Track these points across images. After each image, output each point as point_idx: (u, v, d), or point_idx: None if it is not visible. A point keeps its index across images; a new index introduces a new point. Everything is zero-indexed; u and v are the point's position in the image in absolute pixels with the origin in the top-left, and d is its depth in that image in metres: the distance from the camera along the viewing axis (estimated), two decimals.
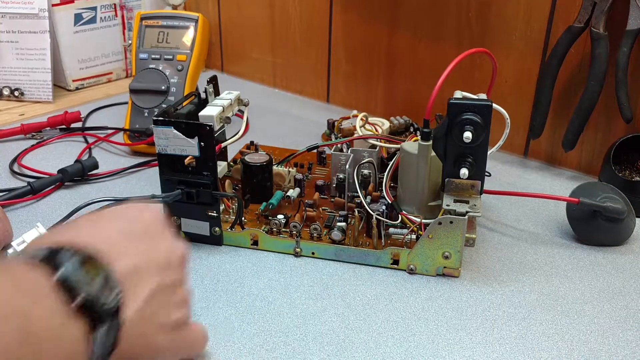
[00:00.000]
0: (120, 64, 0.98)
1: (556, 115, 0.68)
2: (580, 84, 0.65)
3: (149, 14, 0.77)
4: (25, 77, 0.87)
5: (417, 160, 0.52)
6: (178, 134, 0.50)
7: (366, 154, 0.57)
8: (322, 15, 0.86)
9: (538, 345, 0.43)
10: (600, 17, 0.60)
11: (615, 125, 0.65)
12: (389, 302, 0.48)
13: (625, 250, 0.55)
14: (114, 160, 0.71)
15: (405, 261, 0.51)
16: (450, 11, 0.72)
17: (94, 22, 0.92)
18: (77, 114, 0.78)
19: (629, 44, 0.59)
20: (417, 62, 0.78)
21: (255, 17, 0.95)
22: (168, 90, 0.73)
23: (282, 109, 0.88)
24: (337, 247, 0.52)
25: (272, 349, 0.42)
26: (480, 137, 0.48)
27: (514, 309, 0.47)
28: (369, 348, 0.43)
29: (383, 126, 0.69)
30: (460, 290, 0.49)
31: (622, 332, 0.45)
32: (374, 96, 0.84)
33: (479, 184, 0.50)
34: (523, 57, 0.69)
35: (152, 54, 0.74)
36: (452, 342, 0.44)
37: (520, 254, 0.55)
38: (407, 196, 0.54)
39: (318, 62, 0.89)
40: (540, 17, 0.66)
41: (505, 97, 0.71)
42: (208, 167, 0.52)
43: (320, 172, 0.64)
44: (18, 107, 0.86)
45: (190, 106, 0.57)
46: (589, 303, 0.48)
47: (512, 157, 0.73)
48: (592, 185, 0.57)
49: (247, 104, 0.59)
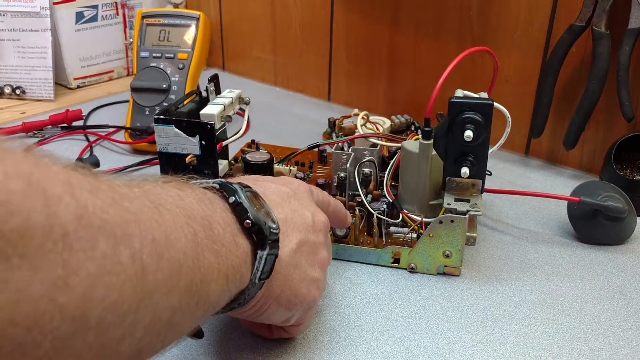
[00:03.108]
0: (122, 62, 0.98)
1: (557, 114, 0.68)
2: (581, 83, 0.65)
3: (150, 12, 0.77)
4: (27, 76, 0.87)
5: (418, 159, 0.52)
6: (179, 132, 0.50)
7: (367, 152, 0.57)
8: (323, 14, 0.86)
9: (539, 344, 0.43)
10: (601, 15, 0.60)
11: (616, 124, 0.65)
12: (389, 301, 0.48)
13: (626, 250, 0.55)
14: (115, 158, 0.71)
15: (406, 260, 0.51)
16: (452, 10, 0.72)
17: (95, 20, 0.93)
18: (78, 112, 0.78)
19: (630, 43, 0.59)
20: (418, 61, 0.78)
21: (256, 15, 0.95)
22: (169, 89, 0.73)
23: (283, 108, 0.88)
24: (338, 246, 0.52)
25: (272, 347, 0.42)
26: (481, 136, 0.48)
27: (515, 307, 0.47)
28: (369, 347, 0.43)
29: (384, 125, 0.69)
30: (461, 289, 0.49)
31: (622, 331, 0.45)
32: (375, 95, 0.84)
33: (480, 182, 0.50)
34: (524, 56, 0.69)
35: (154, 52, 0.74)
36: (453, 341, 0.44)
37: (521, 252, 0.55)
38: (408, 195, 0.54)
39: (319, 61, 0.89)
40: (542, 15, 0.66)
41: (506, 95, 0.70)
42: (209, 166, 0.52)
43: (321, 171, 0.64)
44: (19, 106, 0.86)
45: (191, 105, 0.57)
46: (589, 302, 0.48)
47: (513, 156, 0.73)
48: (593, 184, 0.57)
49: (248, 103, 0.59)
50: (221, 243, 0.31)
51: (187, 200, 0.31)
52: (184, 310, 0.28)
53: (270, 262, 0.34)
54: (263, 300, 0.36)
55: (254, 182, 0.39)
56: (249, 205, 0.34)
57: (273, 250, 0.34)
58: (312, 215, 0.40)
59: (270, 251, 0.34)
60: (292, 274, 0.37)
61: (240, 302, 0.34)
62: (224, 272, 0.31)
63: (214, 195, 0.34)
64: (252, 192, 0.35)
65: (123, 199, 0.26)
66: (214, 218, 0.32)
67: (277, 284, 0.36)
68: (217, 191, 0.35)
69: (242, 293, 0.34)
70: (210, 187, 0.35)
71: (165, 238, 0.27)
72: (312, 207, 0.41)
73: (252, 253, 0.34)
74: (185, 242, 0.28)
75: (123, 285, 0.24)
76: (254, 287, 0.34)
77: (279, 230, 0.35)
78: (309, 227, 0.39)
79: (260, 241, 0.34)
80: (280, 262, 0.36)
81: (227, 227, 0.32)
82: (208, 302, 0.31)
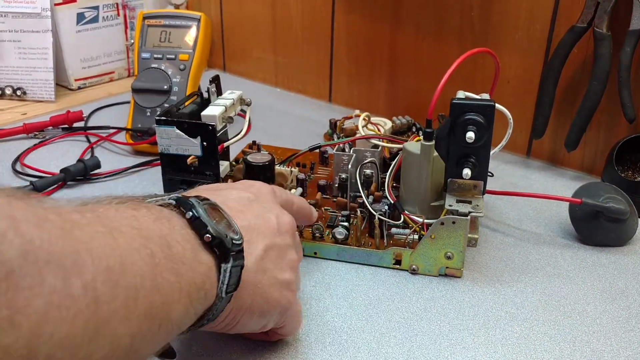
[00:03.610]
0: (123, 64, 0.98)
1: (559, 115, 0.68)
2: (583, 84, 0.65)
3: (151, 13, 0.77)
4: (28, 77, 0.87)
5: (420, 160, 0.52)
6: (180, 133, 0.50)
7: (368, 153, 0.57)
8: (324, 15, 0.86)
9: (540, 345, 0.43)
10: (603, 17, 0.60)
11: (618, 125, 0.65)
12: (391, 303, 0.48)
13: (628, 251, 0.55)
14: (117, 159, 0.71)
15: (408, 261, 0.51)
16: (453, 10, 0.72)
17: (96, 21, 0.92)
18: (79, 114, 0.78)
19: (632, 44, 0.59)
20: (419, 62, 0.78)
21: (257, 16, 0.94)
22: (170, 90, 0.73)
23: (284, 109, 0.88)
24: (340, 247, 0.52)
25: (273, 349, 0.42)
26: (483, 137, 0.48)
27: (517, 309, 0.47)
28: (371, 348, 0.43)
29: (385, 126, 0.69)
30: (463, 290, 0.49)
31: (624, 333, 0.45)
32: (376, 96, 0.84)
33: (482, 184, 0.50)
34: (526, 57, 0.69)
35: (155, 53, 0.74)
36: (455, 343, 0.44)
37: (523, 254, 0.54)
38: (409, 196, 0.54)
39: (320, 62, 0.89)
40: (543, 16, 0.66)
41: (507, 97, 0.70)
42: (210, 167, 0.52)
43: (322, 172, 0.64)
44: (20, 107, 0.86)
45: (192, 106, 0.57)
46: (591, 304, 0.48)
47: (514, 157, 0.73)
48: (594, 186, 0.57)
49: (249, 104, 0.59)
50: (181, 262, 0.30)
51: (142, 220, 0.30)
52: (144, 335, 0.28)
53: (236, 274, 0.34)
54: (234, 313, 0.36)
55: (214, 192, 0.38)
56: (207, 219, 0.33)
57: (238, 262, 0.34)
58: (277, 217, 0.39)
59: (234, 263, 0.33)
60: (262, 281, 0.37)
61: (209, 318, 0.34)
62: (187, 291, 0.30)
63: (171, 212, 0.33)
64: (210, 204, 0.34)
65: (73, 227, 0.25)
66: (172, 236, 0.31)
67: (247, 294, 0.36)
68: (174, 207, 0.33)
69: (209, 309, 0.33)
70: (166, 204, 0.34)
71: (120, 263, 0.26)
72: (276, 209, 0.40)
73: (216, 267, 0.33)
74: (142, 264, 0.28)
75: (74, 319, 0.23)
76: (222, 301, 0.33)
77: (242, 240, 0.34)
78: (274, 231, 0.38)
79: (222, 254, 0.33)
80: (248, 271, 0.35)
81: (186, 244, 0.32)
82: (171, 324, 0.30)
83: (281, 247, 0.39)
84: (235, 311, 0.36)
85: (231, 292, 0.34)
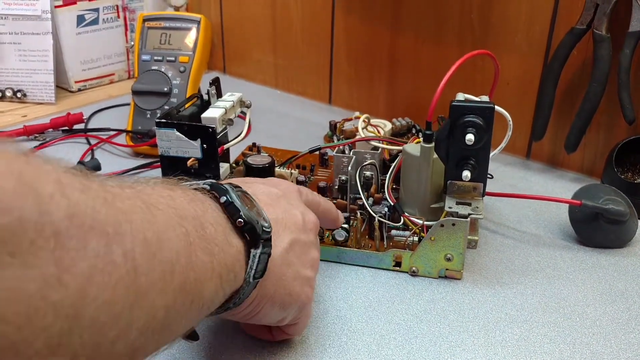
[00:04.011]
0: (123, 66, 0.99)
1: (558, 117, 0.68)
2: (582, 86, 0.65)
3: (151, 15, 0.77)
4: (28, 79, 0.88)
5: (420, 162, 0.52)
6: (180, 135, 0.50)
7: (368, 155, 0.57)
8: (324, 17, 0.86)
9: (540, 347, 0.43)
10: (602, 18, 0.60)
11: (617, 127, 0.65)
12: (391, 304, 0.48)
13: (627, 253, 0.55)
14: (117, 161, 0.71)
15: (408, 263, 0.51)
16: (453, 13, 0.72)
17: (97, 23, 0.93)
18: (79, 116, 0.78)
19: (631, 46, 0.59)
20: (419, 64, 0.78)
21: (257, 18, 0.95)
22: (170, 92, 0.73)
23: (284, 111, 0.88)
24: (339, 249, 0.52)
25: (274, 350, 0.42)
26: (483, 139, 0.48)
27: (516, 311, 0.47)
28: (371, 350, 0.43)
29: (385, 128, 0.69)
30: (463, 292, 0.49)
31: (624, 335, 0.45)
32: (376, 98, 0.84)
33: (481, 186, 0.50)
34: (525, 59, 0.69)
35: (155, 55, 0.75)
36: (455, 345, 0.44)
37: (523, 256, 0.54)
38: (409, 198, 0.54)
39: (320, 64, 0.89)
40: (543, 18, 0.66)
41: (507, 99, 0.70)
42: (210, 169, 0.52)
43: (322, 174, 0.64)
44: (20, 109, 0.86)
45: (192, 108, 0.57)
46: (591, 305, 0.48)
47: (514, 159, 0.73)
48: (594, 187, 0.57)
49: (249, 106, 0.59)
50: (214, 242, 0.31)
51: (178, 201, 0.31)
52: (178, 310, 0.28)
53: (263, 261, 0.35)
54: (258, 300, 0.36)
55: (244, 183, 0.39)
56: (240, 204, 0.34)
57: (266, 249, 0.35)
58: (302, 215, 0.40)
59: (263, 250, 0.34)
60: (286, 273, 0.38)
61: (235, 302, 0.34)
62: (218, 271, 0.31)
63: (205, 196, 0.34)
64: (242, 192, 0.36)
65: (115, 198, 0.26)
66: (205, 218, 0.32)
67: (271, 283, 0.36)
68: (208, 192, 0.35)
69: (236, 293, 0.34)
70: (200, 188, 0.35)
71: (157, 238, 0.27)
72: (302, 207, 0.41)
73: (245, 252, 0.34)
74: (177, 241, 0.29)
75: (116, 285, 0.24)
76: (249, 286, 0.34)
77: (271, 229, 0.35)
78: (300, 227, 0.39)
79: (253, 240, 0.34)
80: (273, 261, 0.36)
81: (218, 227, 0.32)
82: (202, 302, 0.31)
83: (305, 244, 0.40)
84: (259, 299, 0.36)
85: (258, 279, 0.35)
